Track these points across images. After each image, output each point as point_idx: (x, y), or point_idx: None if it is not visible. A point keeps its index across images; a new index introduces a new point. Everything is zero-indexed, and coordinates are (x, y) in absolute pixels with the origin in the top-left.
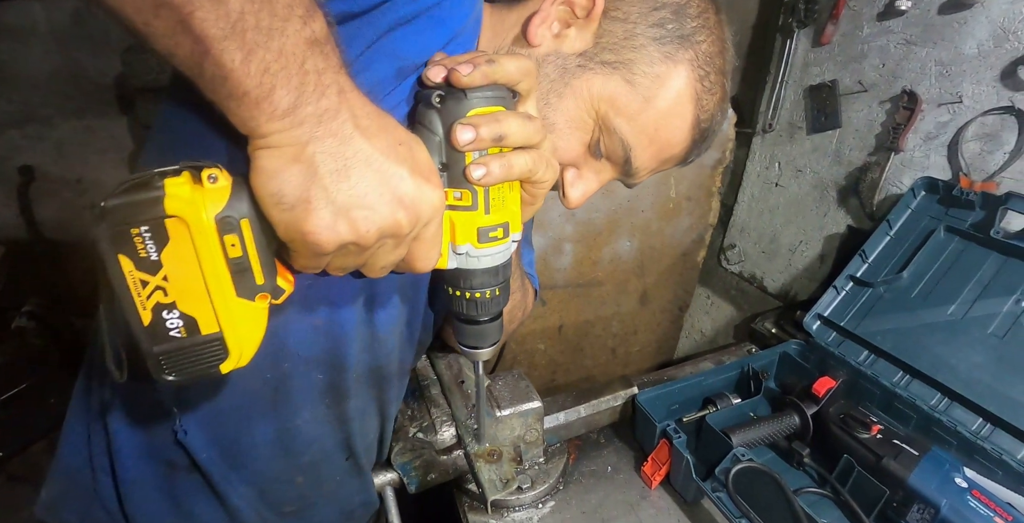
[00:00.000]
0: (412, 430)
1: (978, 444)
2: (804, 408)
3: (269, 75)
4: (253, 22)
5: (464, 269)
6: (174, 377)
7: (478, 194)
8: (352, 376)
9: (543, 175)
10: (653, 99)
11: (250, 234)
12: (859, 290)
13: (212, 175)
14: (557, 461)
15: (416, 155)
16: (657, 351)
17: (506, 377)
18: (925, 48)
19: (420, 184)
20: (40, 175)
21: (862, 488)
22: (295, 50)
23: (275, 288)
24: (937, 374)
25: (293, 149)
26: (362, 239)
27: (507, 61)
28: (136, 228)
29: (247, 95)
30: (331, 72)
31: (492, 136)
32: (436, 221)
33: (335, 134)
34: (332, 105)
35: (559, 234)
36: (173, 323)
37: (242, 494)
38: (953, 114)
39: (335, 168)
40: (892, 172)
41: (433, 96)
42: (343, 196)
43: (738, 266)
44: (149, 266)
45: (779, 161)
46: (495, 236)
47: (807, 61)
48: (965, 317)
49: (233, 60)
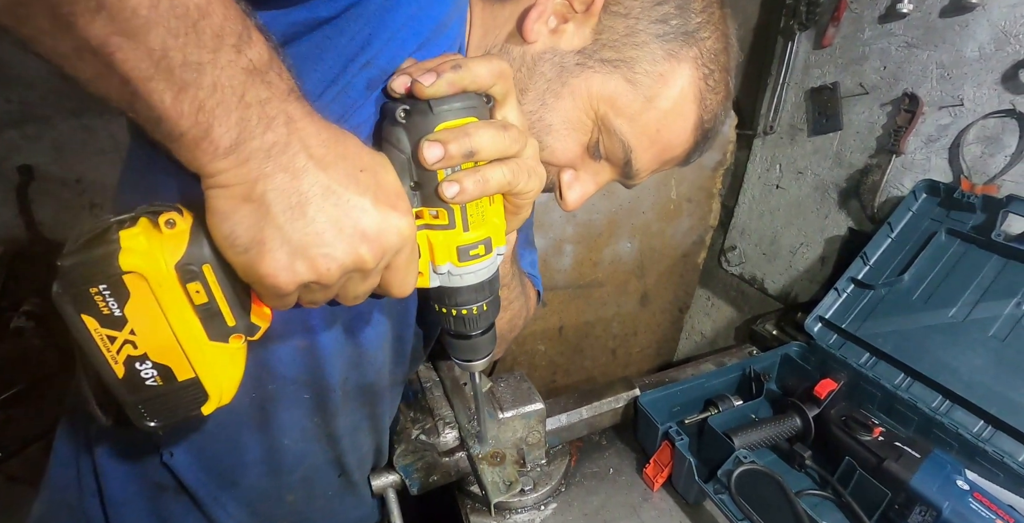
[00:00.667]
0: (414, 432)
1: (979, 446)
2: (806, 410)
3: (204, 113)
4: (180, 58)
5: (448, 287)
6: (156, 423)
7: (454, 212)
8: (339, 395)
9: (525, 186)
10: (655, 99)
11: (214, 278)
12: (860, 292)
13: (170, 220)
14: (559, 463)
15: (381, 180)
16: (657, 352)
17: (508, 379)
18: (926, 51)
19: (385, 213)
20: (39, 175)
21: (864, 490)
22: (231, 83)
23: (249, 326)
24: (938, 376)
25: (243, 188)
26: (323, 278)
27: (475, 64)
28: (95, 287)
29: (184, 136)
30: (276, 101)
31: (462, 152)
32: (407, 248)
33: (286, 168)
34: (280, 138)
35: (559, 235)
36: (147, 373)
37: (232, 514)
38: (954, 117)
39: (289, 205)
40: (893, 174)
41: (398, 110)
42: (299, 235)
43: (739, 268)
44: (114, 322)
45: (780, 163)
46: (476, 254)
47: (808, 63)
48: (966, 320)
49: (163, 101)
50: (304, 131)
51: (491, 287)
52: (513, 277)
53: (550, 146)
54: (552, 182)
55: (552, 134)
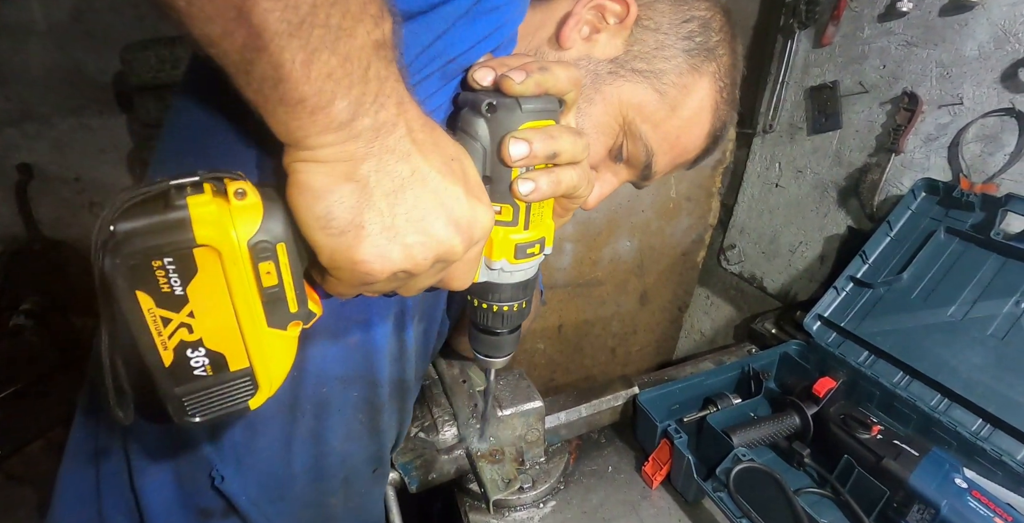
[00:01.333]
0: (414, 430)
1: (978, 445)
2: (804, 408)
3: (331, 81)
4: (323, 19)
5: (494, 283)
6: (199, 418)
7: (519, 209)
8: (386, 390)
9: (584, 190)
10: (679, 108)
11: (286, 260)
12: (859, 291)
13: (240, 190)
14: (558, 461)
15: (467, 171)
16: (656, 351)
17: (507, 377)
18: (926, 49)
19: (474, 204)
20: (38, 173)
21: (862, 488)
22: (361, 55)
23: (308, 313)
24: (937, 375)
25: (345, 166)
26: (416, 266)
27: (559, 70)
28: (159, 260)
29: (302, 102)
30: (392, 80)
31: (546, 153)
32: (483, 242)
33: (392, 150)
34: (391, 118)
35: (559, 233)
36: (198, 362)
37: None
38: (953, 116)
39: (391, 189)
40: (892, 173)
41: (483, 103)
42: (400, 221)
43: (738, 266)
44: (173, 302)
45: (779, 162)
46: (532, 252)
47: (808, 62)
48: (965, 318)
49: (293, 61)
50: (410, 114)
51: (531, 286)
52: None
53: None
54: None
55: None
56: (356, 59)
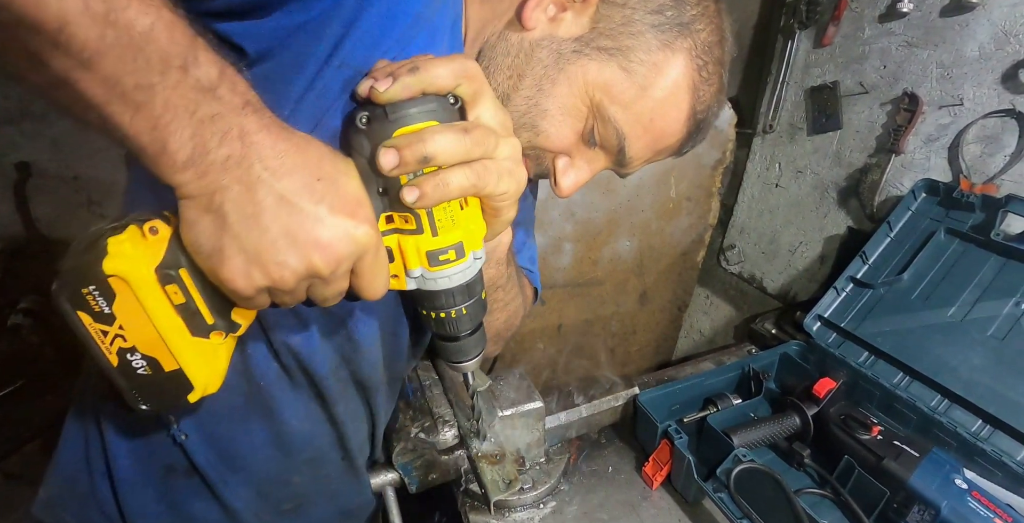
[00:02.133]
0: (414, 430)
1: (978, 446)
2: (805, 409)
3: (159, 130)
4: (131, 82)
5: (425, 291)
6: (147, 407)
7: (421, 217)
8: (332, 382)
9: (496, 188)
10: (649, 88)
11: (190, 280)
12: (859, 291)
13: (153, 228)
14: (558, 461)
15: (340, 188)
16: (656, 351)
17: (508, 377)
18: (926, 50)
19: (339, 222)
20: (37, 172)
21: (863, 489)
22: (182, 101)
23: (229, 324)
24: (937, 376)
25: (204, 199)
26: (279, 284)
27: (436, 66)
28: (85, 288)
29: (144, 151)
30: (229, 115)
31: (416, 158)
32: (370, 254)
33: (240, 180)
34: (235, 151)
35: (559, 233)
36: (138, 363)
37: (240, 495)
38: (954, 116)
39: (245, 215)
40: (892, 174)
41: (359, 117)
42: (253, 244)
43: (738, 266)
44: (105, 318)
45: (779, 162)
46: (447, 258)
47: (808, 62)
48: (965, 319)
49: (123, 121)
50: (260, 144)
51: (471, 290)
52: (509, 279)
53: (545, 131)
54: (547, 168)
55: (547, 119)
56: (178, 105)
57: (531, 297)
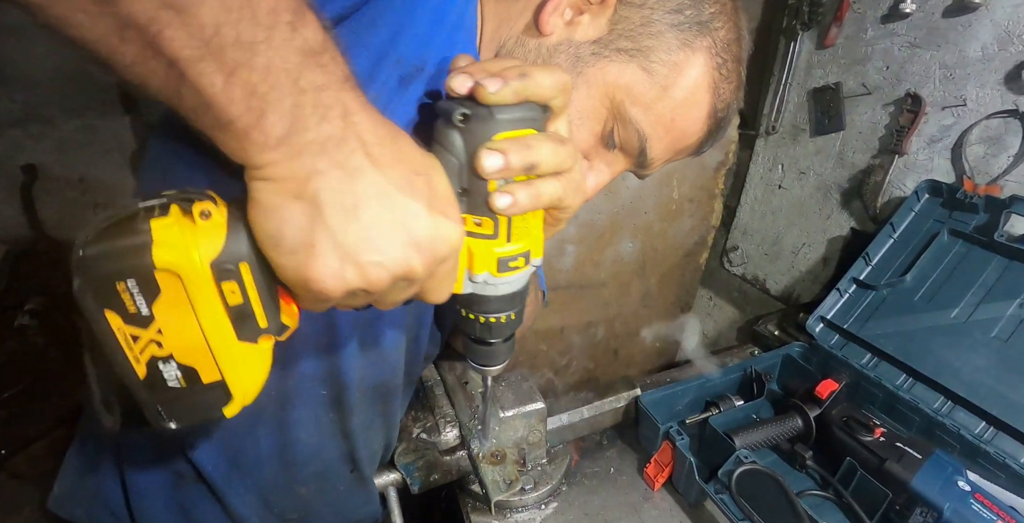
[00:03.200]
0: (416, 431)
1: (981, 447)
2: (807, 410)
3: (257, 98)
4: (232, 36)
5: (480, 295)
6: (175, 425)
7: (500, 222)
8: (355, 393)
9: (572, 201)
10: (670, 88)
11: (250, 278)
12: (862, 293)
13: (205, 211)
14: (560, 462)
15: (435, 186)
16: (659, 353)
17: (509, 378)
18: (929, 51)
19: (438, 222)
20: (43, 174)
21: (865, 491)
22: (286, 65)
23: (279, 327)
24: (940, 377)
25: (294, 184)
26: (372, 286)
27: (541, 75)
28: (122, 282)
29: (232, 124)
30: (332, 89)
31: (522, 165)
32: (453, 257)
33: (342, 166)
34: (336, 131)
35: (561, 235)
36: (170, 374)
37: (247, 503)
38: (957, 117)
39: (343, 206)
40: (896, 175)
41: (456, 113)
42: (352, 239)
43: (740, 268)
44: (140, 320)
45: (782, 163)
46: (516, 265)
47: (811, 63)
48: (968, 320)
49: (213, 84)
50: (361, 126)
51: (521, 297)
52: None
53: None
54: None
55: None
56: (280, 70)
57: (540, 298)
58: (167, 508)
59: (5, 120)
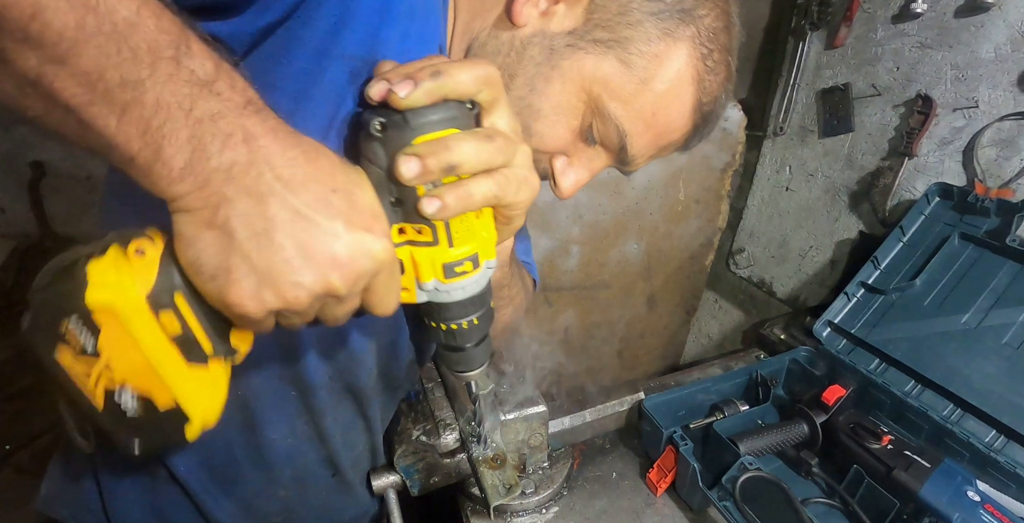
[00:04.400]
0: (415, 433)
1: (991, 457)
2: (813, 416)
3: (151, 133)
4: (116, 78)
5: (436, 303)
6: (140, 450)
7: (438, 228)
8: (325, 393)
9: (514, 197)
10: (650, 81)
11: (187, 306)
12: (871, 297)
13: (139, 249)
14: (561, 466)
15: (355, 201)
16: (663, 355)
17: (511, 381)
18: (941, 51)
19: (358, 238)
20: (51, 171)
21: (872, 499)
22: (176, 98)
23: (228, 350)
24: (950, 384)
25: (206, 212)
26: (292, 306)
27: (458, 71)
28: (65, 321)
29: (135, 160)
30: (231, 116)
31: (441, 167)
32: (385, 270)
33: (250, 192)
34: (240, 157)
35: (566, 236)
36: (127, 404)
37: (224, 508)
38: (969, 119)
39: (255, 231)
40: (905, 177)
41: (373, 122)
42: (265, 263)
43: (747, 270)
44: (88, 355)
45: (790, 165)
46: (463, 270)
47: (820, 64)
48: (979, 326)
49: (108, 125)
50: (267, 149)
51: (482, 301)
52: (513, 276)
53: (539, 133)
54: (545, 170)
55: (541, 120)
56: (169, 105)
57: (531, 288)
58: (142, 509)
59: (13, 117)
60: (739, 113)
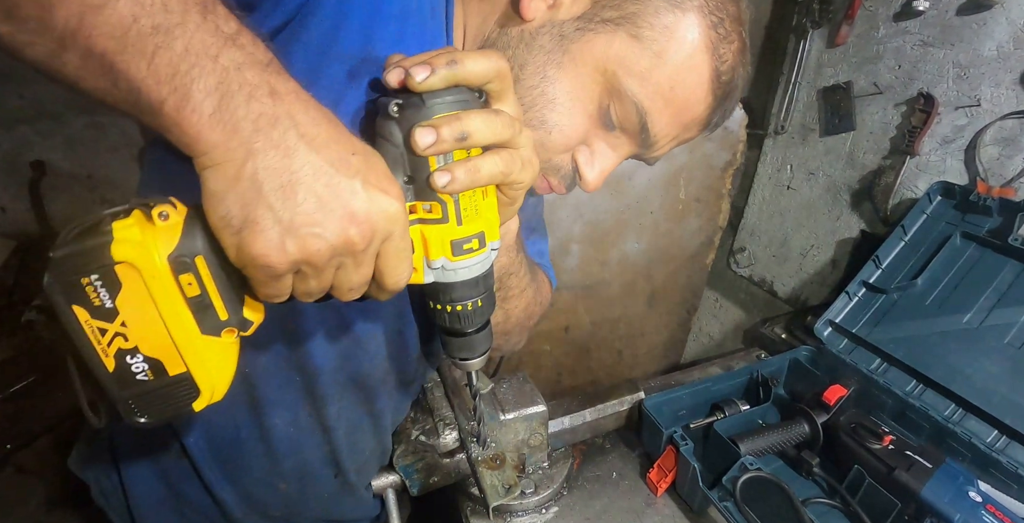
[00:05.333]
0: (414, 433)
1: (993, 457)
2: (814, 416)
3: (180, 76)
4: (149, 25)
5: (442, 283)
6: (147, 419)
7: (447, 205)
8: (329, 381)
9: (519, 176)
10: (664, 53)
11: (207, 270)
12: (872, 296)
13: (163, 213)
14: (561, 466)
15: (372, 165)
16: (664, 354)
17: (511, 380)
18: (943, 49)
19: (374, 196)
20: (51, 170)
21: (873, 500)
22: (203, 45)
23: (242, 321)
24: (951, 384)
25: (233, 166)
26: (313, 258)
27: (472, 61)
28: (86, 277)
29: (164, 104)
30: (255, 69)
31: (454, 136)
32: (398, 234)
33: (277, 145)
34: (267, 109)
35: (566, 234)
36: (138, 367)
37: (226, 489)
38: (971, 117)
39: (280, 184)
40: (907, 176)
41: (391, 105)
42: (289, 214)
43: (748, 269)
44: (105, 314)
45: (791, 163)
46: (470, 248)
47: (821, 62)
48: (981, 326)
49: (139, 69)
50: (292, 107)
51: (485, 283)
52: (521, 264)
53: (557, 123)
54: (571, 170)
55: (556, 109)
56: (197, 52)
57: (548, 287)
58: (157, 480)
59: (14, 117)
60: (740, 111)
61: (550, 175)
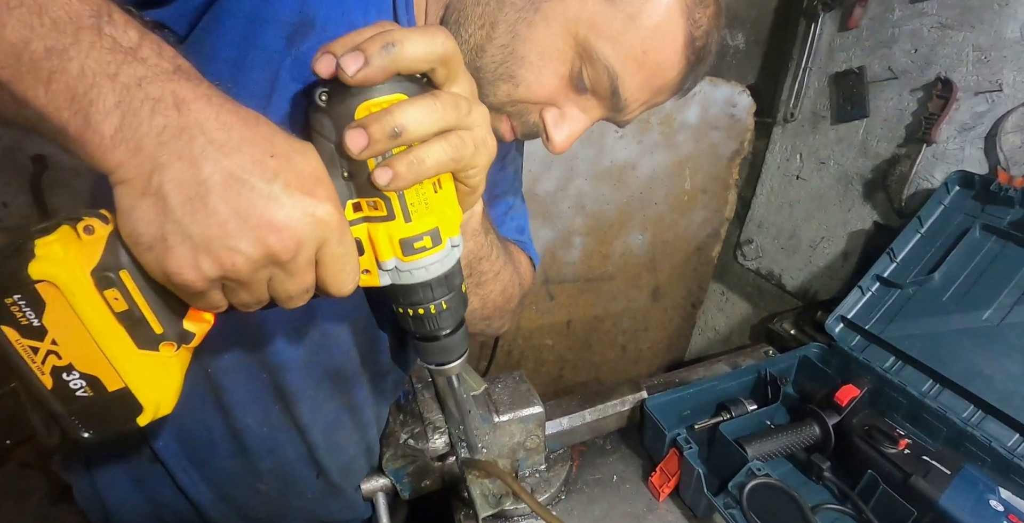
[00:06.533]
0: (403, 436)
1: (1015, 462)
2: (825, 418)
3: (78, 100)
4: (41, 49)
5: (399, 285)
6: (90, 435)
7: (391, 201)
8: (297, 376)
9: (472, 160)
10: (638, 16)
11: (132, 283)
12: (886, 291)
13: (88, 227)
14: (560, 469)
15: (296, 165)
16: (668, 349)
17: (506, 379)
18: (962, 32)
19: (297, 201)
20: (53, 164)
21: (887, 507)
22: (99, 65)
23: (181, 334)
24: (970, 384)
25: (140, 181)
26: (231, 273)
27: (412, 44)
28: (9, 298)
29: (67, 130)
30: (158, 81)
31: (386, 133)
32: (334, 240)
33: (182, 156)
34: (172, 121)
35: (568, 226)
36: (76, 384)
37: (202, 491)
38: (991, 103)
39: (188, 196)
40: (923, 165)
41: (317, 94)
42: (200, 229)
43: (755, 262)
44: (34, 332)
45: (801, 152)
46: (423, 246)
47: (833, 46)
48: (1002, 323)
49: (37, 96)
50: (199, 113)
51: (450, 282)
52: (491, 246)
53: (525, 80)
54: (535, 124)
55: (526, 67)
56: (95, 70)
57: (527, 265)
58: (133, 485)
59: None
60: (748, 99)
61: (512, 117)
